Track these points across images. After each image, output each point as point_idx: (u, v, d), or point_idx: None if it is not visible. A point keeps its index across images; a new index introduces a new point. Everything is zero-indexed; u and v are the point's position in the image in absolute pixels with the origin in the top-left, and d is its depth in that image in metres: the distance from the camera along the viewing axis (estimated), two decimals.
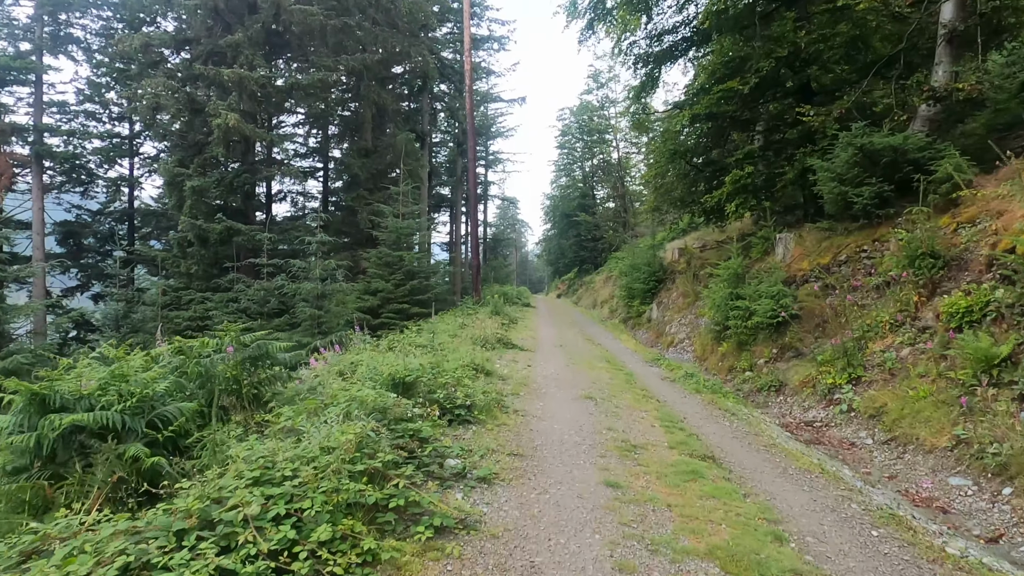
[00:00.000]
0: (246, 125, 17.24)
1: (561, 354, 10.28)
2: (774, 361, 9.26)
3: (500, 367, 7.82)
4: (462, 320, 12.36)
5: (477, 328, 10.81)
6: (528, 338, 12.13)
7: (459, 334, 9.97)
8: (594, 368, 8.62)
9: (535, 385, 7.01)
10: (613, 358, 10.35)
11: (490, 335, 10.02)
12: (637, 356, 11.31)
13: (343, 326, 17.48)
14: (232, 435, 3.40)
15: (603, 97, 40.32)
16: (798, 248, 10.64)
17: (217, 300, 18.02)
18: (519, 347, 10.48)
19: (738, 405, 7.32)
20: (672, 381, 8.53)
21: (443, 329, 10.31)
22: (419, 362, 5.09)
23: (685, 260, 17.43)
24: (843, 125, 10.78)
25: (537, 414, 5.54)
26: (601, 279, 31.84)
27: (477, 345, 9.04)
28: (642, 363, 10.43)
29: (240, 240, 18.22)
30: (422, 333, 9.43)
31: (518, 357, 9.39)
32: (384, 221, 19.04)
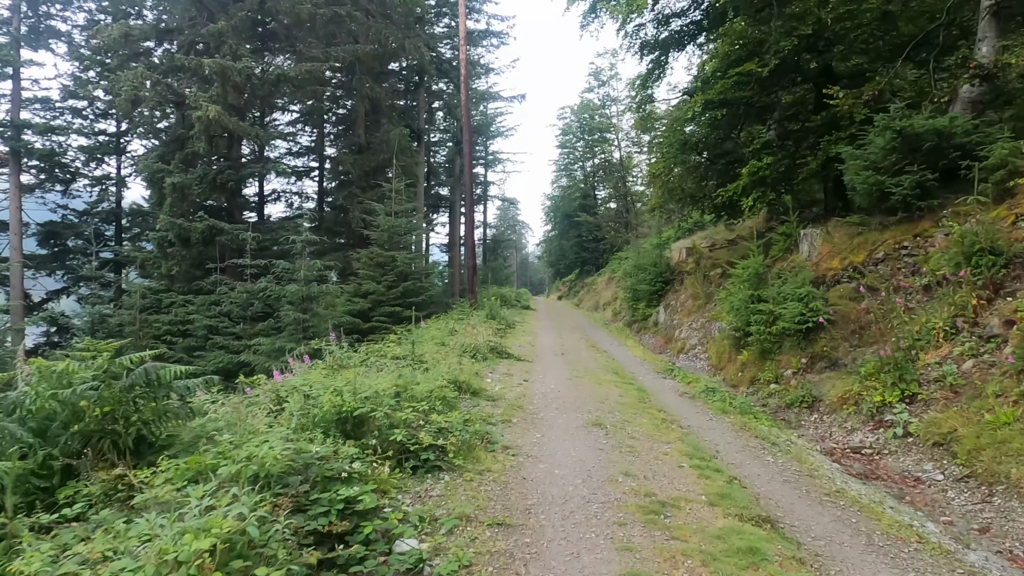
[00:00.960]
0: (229, 118, 16.09)
1: (562, 365, 9.10)
2: (804, 372, 8.07)
3: (491, 383, 6.65)
4: (453, 325, 11.14)
5: (468, 335, 9.59)
6: (526, 345, 10.93)
7: (447, 342, 8.78)
8: (601, 382, 7.45)
9: (531, 408, 5.84)
10: (621, 369, 9.17)
11: (482, 343, 8.79)
12: (646, 365, 10.13)
13: (331, 330, 16.34)
14: (80, 505, 2.26)
15: (604, 95, 39.20)
16: (826, 245, 9.46)
17: (199, 303, 16.87)
18: (515, 357, 9.31)
19: (774, 429, 6.14)
20: (691, 398, 7.33)
21: (431, 336, 9.12)
22: (381, 385, 3.90)
23: (694, 260, 16.25)
24: (873, 109, 9.62)
25: (532, 452, 4.35)
26: (603, 280, 30.68)
27: (466, 355, 7.87)
28: (653, 374, 9.24)
29: (224, 240, 17.07)
30: (404, 342, 8.23)
31: (513, 369, 8.22)
32: (376, 220, 17.90)
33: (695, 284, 14.50)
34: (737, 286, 9.67)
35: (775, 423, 6.54)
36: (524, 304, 22.86)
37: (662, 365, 10.04)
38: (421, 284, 17.81)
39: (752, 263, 9.52)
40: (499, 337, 10.57)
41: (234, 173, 17.22)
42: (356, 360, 6.06)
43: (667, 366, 9.89)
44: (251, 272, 16.21)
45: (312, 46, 19.25)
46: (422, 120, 26.45)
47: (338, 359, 6.10)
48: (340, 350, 6.98)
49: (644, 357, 10.96)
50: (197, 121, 15.91)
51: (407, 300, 17.19)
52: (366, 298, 17.19)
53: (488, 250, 47.70)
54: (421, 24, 26.93)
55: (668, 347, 13.34)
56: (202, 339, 16.47)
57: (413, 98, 27.33)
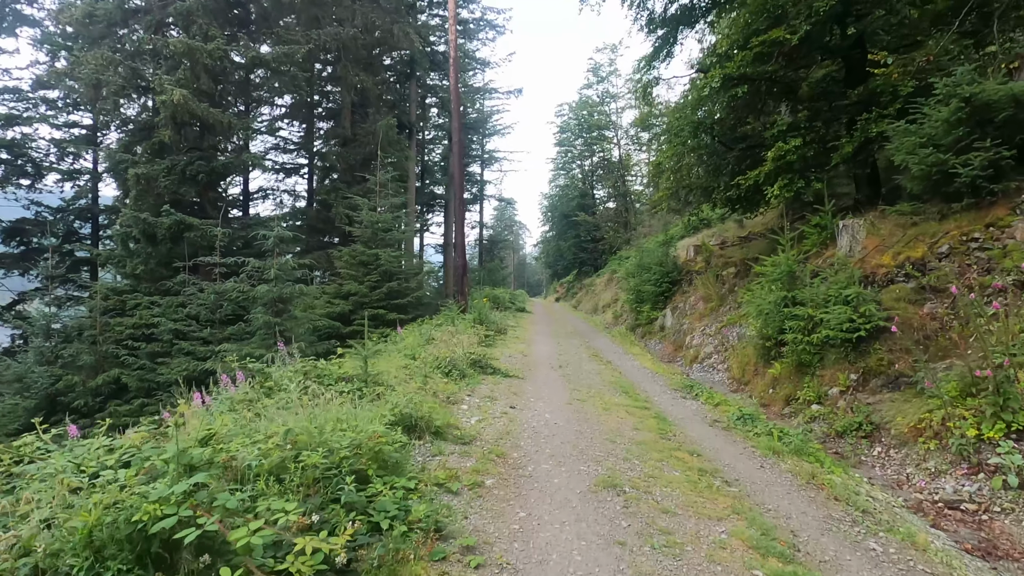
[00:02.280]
0: (197, 104, 14.53)
1: (560, 381, 7.54)
2: (855, 391, 6.53)
3: (465, 413, 5.06)
4: (433, 332, 9.50)
5: (445, 344, 7.90)
6: (517, 355, 9.35)
7: (419, 354, 7.17)
8: (609, 407, 5.91)
9: (517, 455, 4.27)
10: (630, 386, 7.63)
11: (461, 355, 7.12)
12: (659, 380, 8.58)
13: (308, 334, 14.78)
14: None
15: (603, 92, 37.72)
16: (871, 238, 7.92)
17: (166, 305, 15.28)
18: (502, 372, 7.84)
19: (849, 480, 4.55)
20: (726, 429, 5.77)
21: (404, 346, 7.49)
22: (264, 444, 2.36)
23: (703, 259, 14.73)
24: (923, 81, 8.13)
25: (510, 558, 2.73)
26: (602, 281, 29.16)
27: (440, 372, 6.28)
28: (669, 392, 7.68)
29: (193, 237, 15.49)
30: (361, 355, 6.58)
31: (498, 389, 6.74)
32: (359, 215, 16.35)
33: (707, 285, 12.97)
34: (765, 287, 8.13)
35: (842, 467, 4.93)
36: (519, 306, 21.30)
37: (677, 380, 8.48)
38: (408, 285, 16.27)
39: (783, 260, 7.99)
40: (485, 346, 8.99)
41: (205, 165, 15.64)
42: (295, 383, 4.52)
43: (684, 382, 8.32)
44: (220, 272, 14.64)
45: (293, 33, 17.71)
46: (413, 113, 24.91)
47: (269, 383, 4.56)
48: (280, 368, 5.41)
49: (654, 368, 9.41)
50: (162, 106, 14.35)
51: (392, 302, 15.66)
52: (347, 300, 15.66)
53: (484, 251, 46.16)
54: (412, 12, 25.43)
55: (679, 355, 11.80)
56: (168, 344, 14.89)
57: (404, 88, 25.78)
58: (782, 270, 7.81)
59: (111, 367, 14.92)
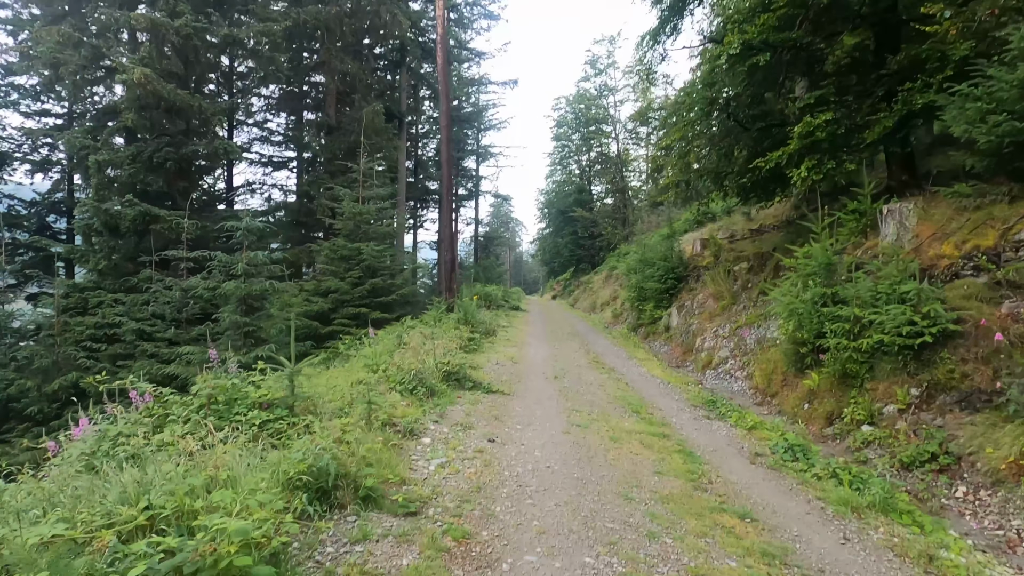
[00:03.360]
0: (163, 84, 13.17)
1: (556, 398, 6.20)
2: (917, 409, 5.26)
3: (424, 453, 3.84)
4: (407, 335, 8.05)
5: (414, 352, 6.40)
6: (506, 362, 7.97)
7: (382, 364, 5.80)
8: (618, 435, 4.62)
9: (488, 536, 2.88)
10: (641, 403, 6.33)
11: (431, 366, 5.66)
12: (672, 392, 7.29)
13: (282, 335, 13.47)
14: None
15: (601, 84, 36.37)
16: (924, 225, 6.64)
17: (130, 303, 13.94)
18: (484, 387, 6.43)
19: (971, 560, 3.24)
20: (776, 469, 4.43)
21: (369, 354, 6.08)
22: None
23: (711, 253, 13.45)
24: (982, 41, 6.87)
25: None
26: (600, 279, 27.88)
27: (403, 390, 4.93)
28: (688, 410, 6.38)
29: (160, 229, 14.14)
30: (286, 374, 5.22)
31: (477, 412, 5.40)
32: (340, 207, 15.03)
33: (717, 281, 11.70)
34: (797, 283, 6.85)
35: (942, 527, 3.59)
36: (513, 304, 20.01)
37: (694, 392, 7.18)
38: (393, 281, 14.96)
39: (818, 251, 6.71)
40: (468, 351, 7.67)
41: (173, 152, 14.28)
42: (194, 406, 3.25)
43: (702, 395, 7.01)
44: (188, 267, 13.31)
45: (271, 12, 16.35)
46: (404, 102, 23.55)
47: (162, 411, 3.30)
48: (213, 379, 4.13)
49: (665, 377, 8.12)
50: (123, 85, 12.99)
51: (375, 300, 14.35)
52: (326, 297, 14.33)
53: (480, 248, 44.90)
54: None
55: (688, 359, 10.52)
56: (131, 345, 13.56)
57: (395, 80, 24.42)
58: (818, 263, 6.53)
59: (70, 370, 13.60)
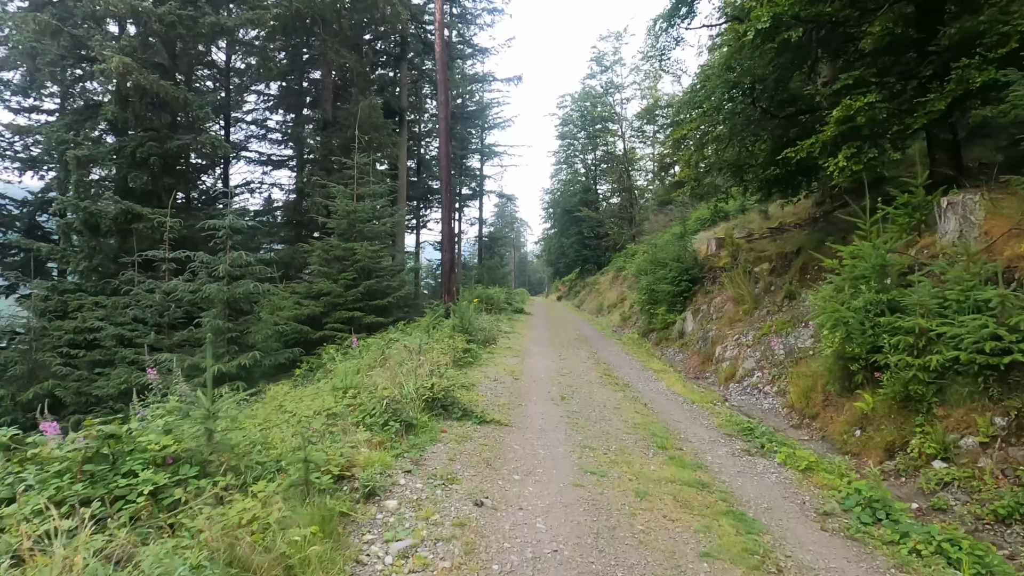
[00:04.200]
0: (145, 74, 12.29)
1: (563, 430, 5.11)
2: (1006, 443, 4.27)
3: (379, 531, 2.81)
4: (388, 348, 6.95)
5: (392, 374, 5.22)
6: (505, 378, 6.91)
7: (356, 383, 4.76)
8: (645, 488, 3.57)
9: None
10: (666, 432, 5.29)
11: (411, 391, 4.56)
12: (699, 415, 6.28)
13: (271, 341, 12.56)
14: None
15: (607, 82, 35.34)
16: (994, 220, 5.63)
17: (111, 306, 13.08)
18: (476, 415, 5.24)
19: None
20: (856, 539, 3.19)
21: (342, 372, 5.04)
22: None
23: (729, 253, 12.44)
24: None
25: None
26: (607, 280, 26.90)
27: (374, 424, 3.92)
28: (723, 441, 5.30)
29: (143, 228, 13.28)
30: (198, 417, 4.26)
31: (464, 456, 4.23)
32: (333, 204, 14.12)
33: (737, 284, 10.70)
34: (843, 287, 5.85)
35: None
36: (517, 306, 19.04)
37: (724, 416, 6.15)
38: (389, 283, 14.03)
39: (868, 251, 5.71)
40: (462, 365, 6.66)
41: (157, 147, 13.41)
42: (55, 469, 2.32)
43: (734, 420, 5.94)
44: (169, 268, 12.42)
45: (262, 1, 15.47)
46: (405, 98, 22.63)
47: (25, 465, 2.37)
48: (98, 426, 3.17)
49: (687, 395, 7.11)
50: (101, 76, 12.13)
51: (370, 303, 13.43)
52: (318, 300, 13.41)
53: (484, 248, 43.93)
54: None
55: (707, 370, 9.52)
56: (112, 352, 12.69)
57: (396, 75, 23.50)
58: (870, 264, 5.53)
59: (47, 378, 12.76)
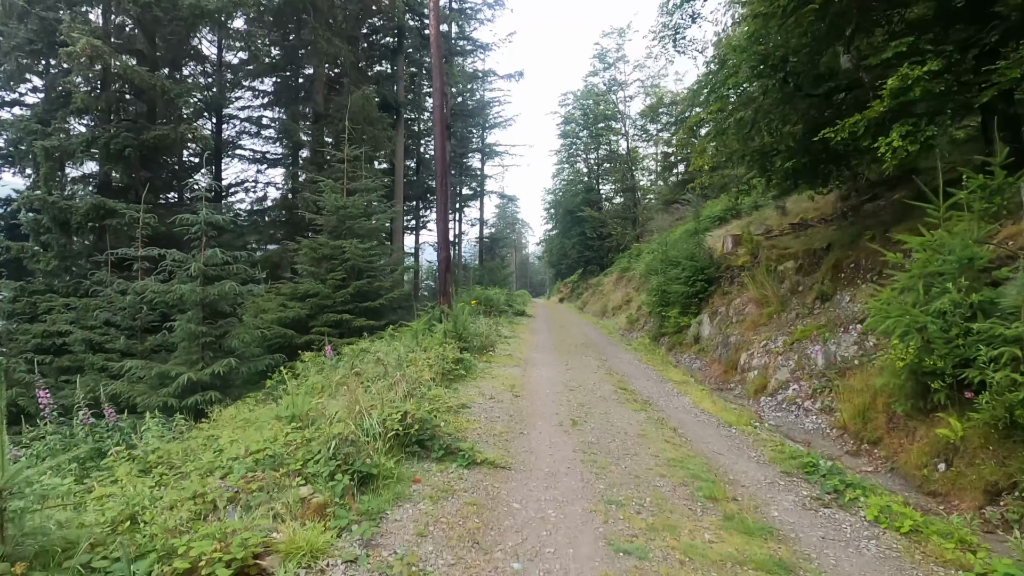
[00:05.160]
0: (117, 58, 11.27)
1: (580, 470, 3.71)
2: None
3: None
4: (362, 361, 5.75)
5: (352, 394, 3.87)
6: (504, 396, 5.65)
7: (306, 412, 3.62)
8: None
9: None
10: (711, 472, 4.00)
11: (375, 425, 3.18)
12: (742, 442, 5.16)
13: (251, 346, 11.51)
14: None
15: (610, 79, 34.31)
16: None
17: (81, 309, 12.05)
18: (464, 452, 3.93)
19: None
20: None
21: (290, 403, 3.79)
22: None
23: (748, 251, 11.36)
24: None
25: None
26: (611, 281, 25.81)
27: (321, 476, 2.78)
28: (785, 482, 4.02)
29: (117, 225, 12.25)
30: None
31: (442, 520, 2.92)
32: (322, 199, 13.08)
33: (760, 284, 9.62)
34: (913, 285, 4.76)
35: None
36: (518, 309, 17.98)
37: (772, 444, 5.00)
38: (381, 284, 12.96)
39: (946, 241, 4.63)
40: (452, 379, 5.53)
41: (132, 137, 12.38)
42: None
43: (788, 451, 4.71)
44: (142, 267, 11.39)
45: None
46: (402, 92, 21.61)
47: None
48: None
49: (720, 414, 5.98)
50: (67, 59, 11.11)
51: (360, 305, 12.36)
52: (304, 302, 12.36)
53: (485, 249, 42.93)
54: None
55: (731, 380, 8.43)
56: (80, 357, 11.66)
57: (391, 64, 22.48)
58: (956, 257, 4.44)
59: (11, 386, 11.73)
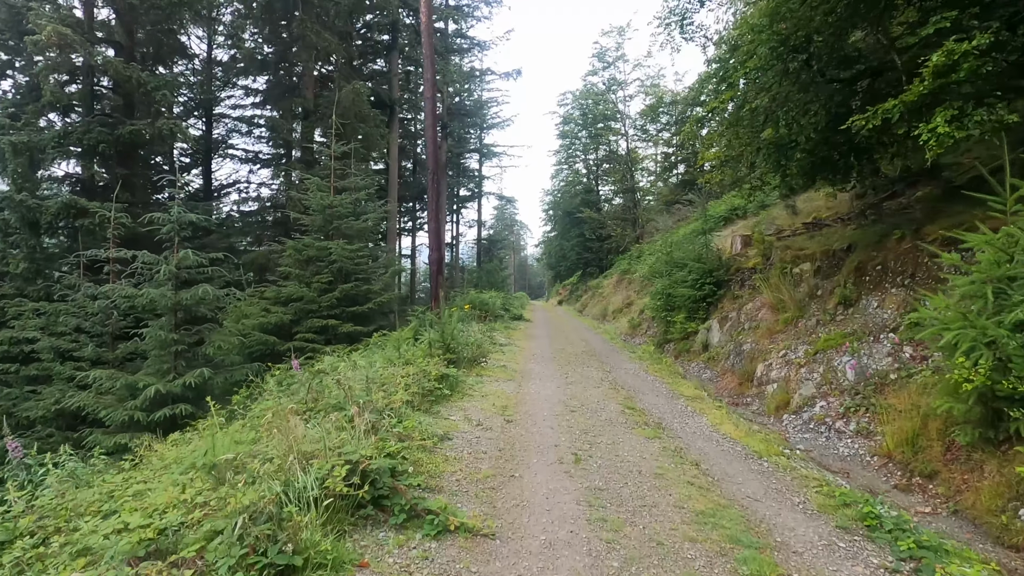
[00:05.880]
0: (86, 47, 10.50)
1: (581, 529, 2.89)
2: None
3: None
4: (320, 382, 4.82)
5: (286, 434, 2.83)
6: (493, 420, 4.65)
7: (228, 461, 2.82)
8: None
9: None
10: (748, 527, 3.13)
11: (311, 484, 2.10)
12: (777, 478, 4.33)
13: (230, 354, 10.72)
14: None
15: (610, 78, 33.57)
16: None
17: (51, 314, 11.26)
18: (432, 519, 2.82)
19: None
20: None
21: (207, 449, 2.92)
22: None
23: (759, 252, 10.60)
24: None
25: None
26: (611, 283, 25.05)
27: (210, 570, 2.09)
28: (846, 546, 2.81)
29: (89, 225, 11.46)
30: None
31: None
32: (308, 198, 12.31)
33: (774, 287, 8.85)
34: (981, 292, 3.99)
35: None
36: (516, 312, 17.19)
37: (816, 482, 4.17)
38: (370, 287, 12.18)
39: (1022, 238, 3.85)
40: (431, 404, 4.70)
41: (107, 132, 11.60)
42: None
43: (845, 497, 3.75)
44: (113, 269, 10.60)
45: None
46: (396, 89, 20.84)
47: None
48: None
49: (744, 440, 5.16)
50: (34, 48, 10.33)
51: (347, 309, 11.58)
52: (288, 306, 11.58)
53: (483, 251, 42.15)
54: None
55: (747, 393, 7.65)
56: (48, 367, 10.86)
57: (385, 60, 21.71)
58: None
59: None
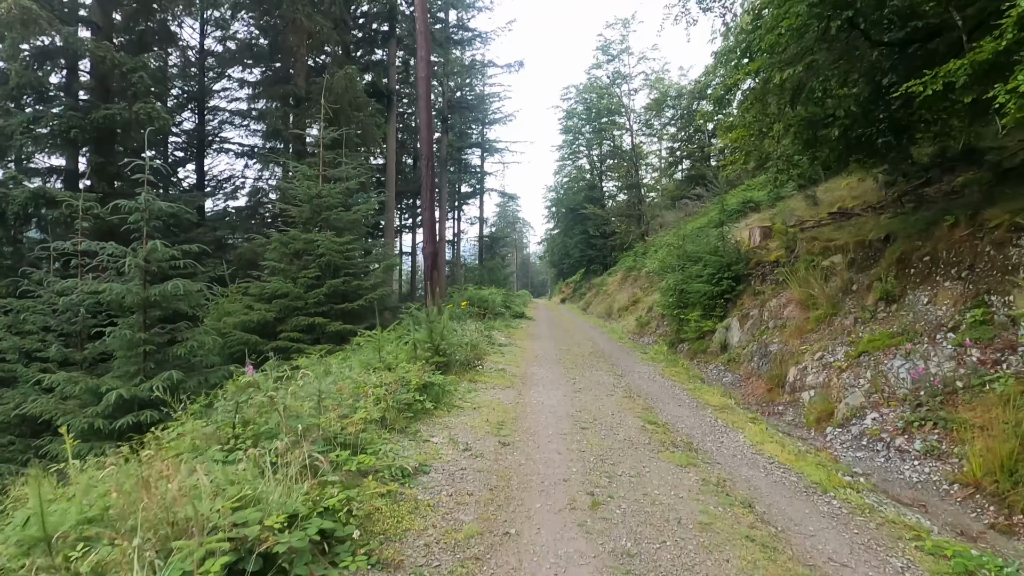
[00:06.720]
0: (58, 27, 9.62)
1: None
2: None
3: None
4: (248, 401, 3.81)
5: (152, 499, 1.75)
6: (484, 444, 3.53)
7: (89, 530, 1.99)
8: None
9: None
10: None
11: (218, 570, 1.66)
12: (853, 524, 3.30)
13: (209, 354, 9.84)
14: None
15: (614, 72, 32.55)
16: None
17: (17, 311, 10.40)
18: None
19: None
20: None
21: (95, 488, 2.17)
22: None
23: (782, 244, 9.65)
24: None
25: None
26: (615, 280, 24.12)
27: None
28: None
29: (57, 216, 10.60)
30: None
31: None
32: (294, 188, 11.42)
33: (804, 281, 7.91)
34: None
35: None
36: (517, 311, 16.29)
37: (922, 541, 3.21)
38: (361, 283, 11.27)
39: None
40: (408, 422, 3.73)
41: (79, 117, 10.72)
42: None
43: (959, 560, 2.99)
44: (81, 264, 9.74)
45: None
46: (393, 78, 19.92)
47: None
48: None
49: (798, 466, 4.19)
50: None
51: (336, 307, 10.69)
52: (271, 303, 10.69)
53: (485, 248, 41.25)
54: None
55: (778, 401, 6.72)
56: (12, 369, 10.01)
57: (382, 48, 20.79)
58: None
59: None
